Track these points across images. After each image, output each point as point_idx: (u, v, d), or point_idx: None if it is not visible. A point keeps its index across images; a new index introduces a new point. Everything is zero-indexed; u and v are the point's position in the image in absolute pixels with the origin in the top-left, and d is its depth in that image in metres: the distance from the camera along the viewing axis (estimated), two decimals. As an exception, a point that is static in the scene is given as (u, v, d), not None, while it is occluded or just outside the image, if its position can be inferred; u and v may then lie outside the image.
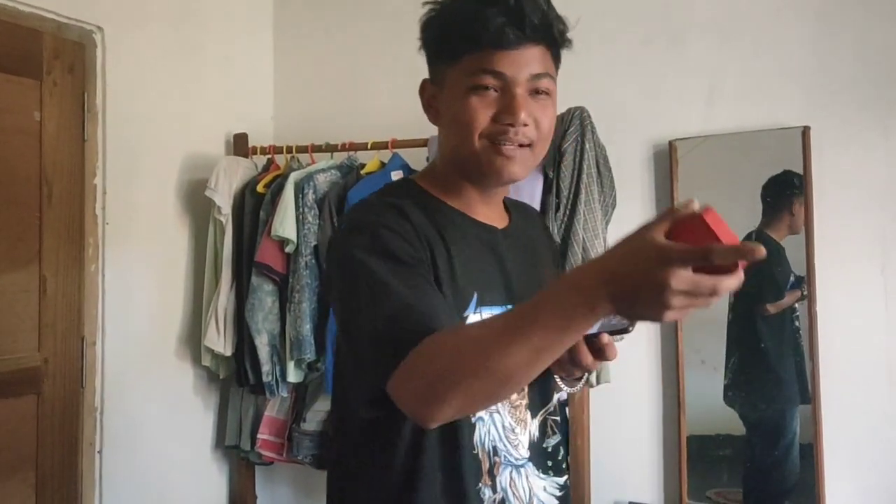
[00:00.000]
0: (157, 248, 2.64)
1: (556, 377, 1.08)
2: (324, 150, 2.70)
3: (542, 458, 1.08)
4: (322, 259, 2.48)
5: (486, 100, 0.97)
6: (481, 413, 1.00)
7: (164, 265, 2.67)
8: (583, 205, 2.23)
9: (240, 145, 2.88)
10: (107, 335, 2.43)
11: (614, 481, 2.51)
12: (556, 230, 2.23)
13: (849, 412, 2.26)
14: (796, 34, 2.37)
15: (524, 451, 1.05)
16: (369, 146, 2.62)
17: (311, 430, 2.57)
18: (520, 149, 0.99)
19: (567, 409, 2.34)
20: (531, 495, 1.05)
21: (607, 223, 2.33)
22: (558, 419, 1.13)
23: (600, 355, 0.95)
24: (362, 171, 2.57)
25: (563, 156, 2.26)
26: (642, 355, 2.51)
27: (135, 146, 2.53)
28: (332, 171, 2.61)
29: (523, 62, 0.97)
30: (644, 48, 2.54)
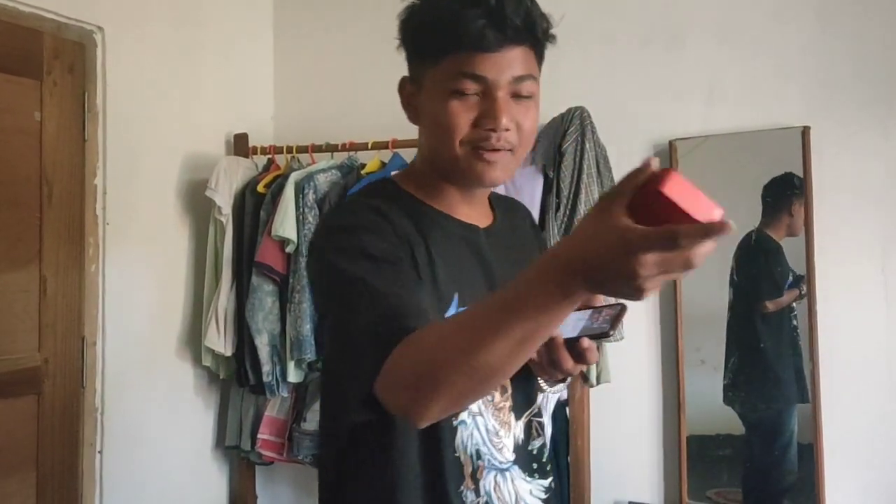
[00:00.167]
0: (158, 248, 2.64)
1: (539, 379, 1.07)
2: (324, 150, 2.70)
3: (528, 461, 1.07)
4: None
5: (466, 104, 0.95)
6: (463, 416, 0.99)
7: (164, 265, 2.67)
8: (583, 205, 2.23)
9: (240, 145, 2.88)
10: (107, 335, 2.43)
11: (614, 481, 2.51)
12: (556, 230, 2.23)
13: (849, 412, 2.27)
14: (796, 34, 2.38)
15: (509, 455, 1.04)
16: (370, 146, 2.61)
17: (311, 430, 2.57)
18: (501, 153, 0.97)
19: (567, 409, 2.35)
20: (517, 499, 1.04)
21: (607, 223, 2.33)
22: (543, 421, 1.12)
23: (581, 359, 0.94)
24: (363, 171, 2.57)
25: (564, 156, 2.26)
26: (642, 355, 2.51)
27: (135, 146, 2.53)
28: (333, 171, 2.61)
29: (505, 64, 0.94)
30: (644, 48, 2.54)
